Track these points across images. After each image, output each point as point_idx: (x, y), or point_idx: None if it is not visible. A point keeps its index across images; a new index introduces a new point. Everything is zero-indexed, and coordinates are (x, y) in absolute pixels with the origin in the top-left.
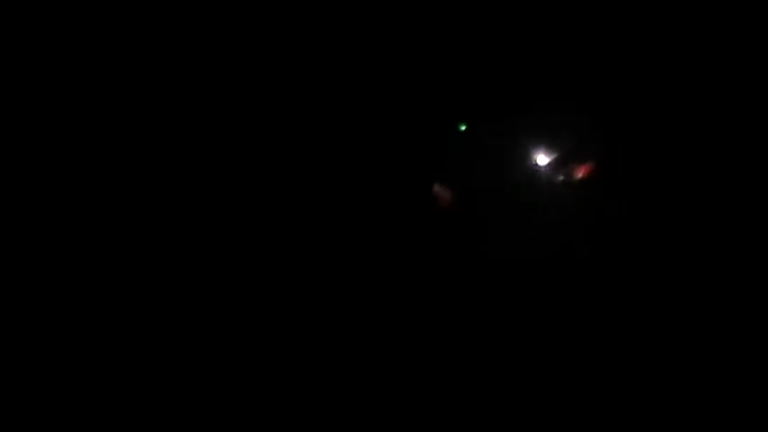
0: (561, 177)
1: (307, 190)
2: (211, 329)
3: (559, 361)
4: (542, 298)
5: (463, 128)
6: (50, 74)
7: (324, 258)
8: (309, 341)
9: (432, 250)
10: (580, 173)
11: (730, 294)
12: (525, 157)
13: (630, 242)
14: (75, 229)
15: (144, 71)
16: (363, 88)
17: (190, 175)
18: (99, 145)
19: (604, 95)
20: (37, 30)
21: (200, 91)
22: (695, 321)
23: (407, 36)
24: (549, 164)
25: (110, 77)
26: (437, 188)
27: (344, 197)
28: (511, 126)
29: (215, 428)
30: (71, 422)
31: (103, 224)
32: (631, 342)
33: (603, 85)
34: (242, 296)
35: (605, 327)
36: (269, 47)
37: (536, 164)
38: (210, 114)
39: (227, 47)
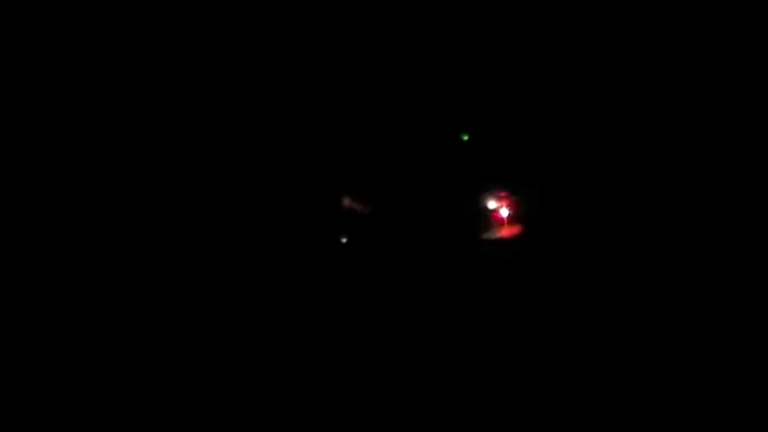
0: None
1: (307, 190)
2: (211, 329)
3: (559, 361)
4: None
5: (466, 138)
6: (50, 74)
7: (324, 258)
8: (309, 341)
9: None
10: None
11: (730, 294)
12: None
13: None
14: (74, 228)
15: (144, 71)
16: (364, 88)
17: (190, 175)
18: (99, 145)
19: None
20: (37, 30)
21: (200, 91)
22: (695, 321)
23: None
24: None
25: (110, 77)
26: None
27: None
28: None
29: (215, 428)
30: (71, 422)
31: (103, 224)
32: (631, 342)
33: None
34: (242, 296)
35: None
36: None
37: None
38: (211, 114)
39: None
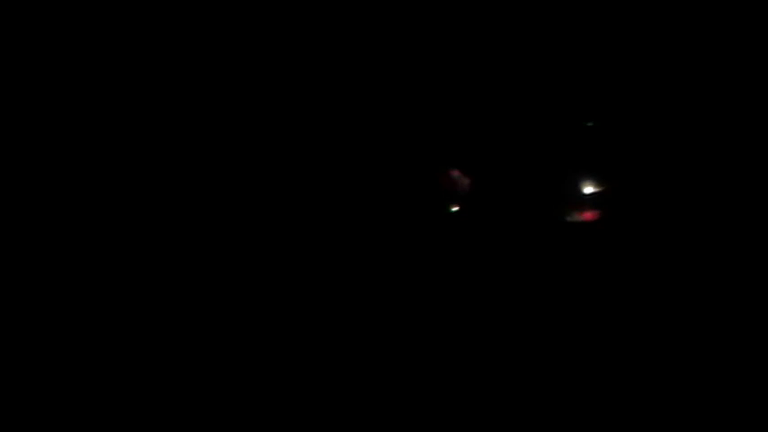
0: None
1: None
2: (211, 329)
3: (559, 360)
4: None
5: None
6: (50, 74)
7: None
8: (309, 341)
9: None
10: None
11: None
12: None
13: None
14: (74, 228)
15: (144, 71)
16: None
17: (190, 175)
18: (99, 145)
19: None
20: (37, 30)
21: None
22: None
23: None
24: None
25: (110, 77)
26: (454, 176)
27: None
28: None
29: (215, 428)
30: (71, 422)
31: (103, 224)
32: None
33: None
34: (242, 295)
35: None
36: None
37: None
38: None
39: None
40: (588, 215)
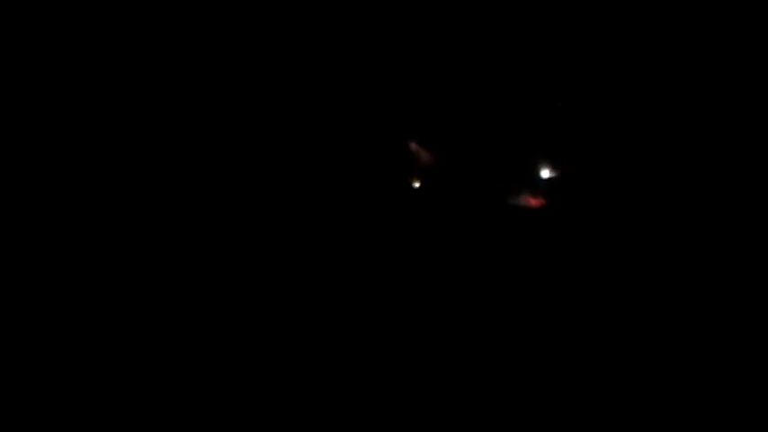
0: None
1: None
2: (211, 329)
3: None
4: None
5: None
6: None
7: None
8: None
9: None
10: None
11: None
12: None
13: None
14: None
15: (144, 71)
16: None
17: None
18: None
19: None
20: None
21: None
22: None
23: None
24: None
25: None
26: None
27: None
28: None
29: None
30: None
31: (103, 224)
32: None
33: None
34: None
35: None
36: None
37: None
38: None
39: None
40: (536, 202)
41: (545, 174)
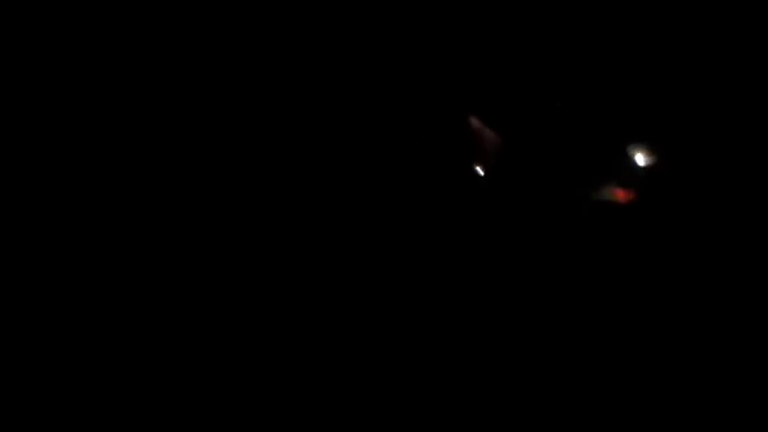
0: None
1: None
2: (211, 329)
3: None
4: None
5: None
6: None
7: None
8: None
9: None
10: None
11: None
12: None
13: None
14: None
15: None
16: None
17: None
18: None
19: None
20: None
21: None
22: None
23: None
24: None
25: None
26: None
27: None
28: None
29: (215, 428)
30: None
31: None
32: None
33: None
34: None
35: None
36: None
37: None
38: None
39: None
40: (622, 195)
41: (640, 161)
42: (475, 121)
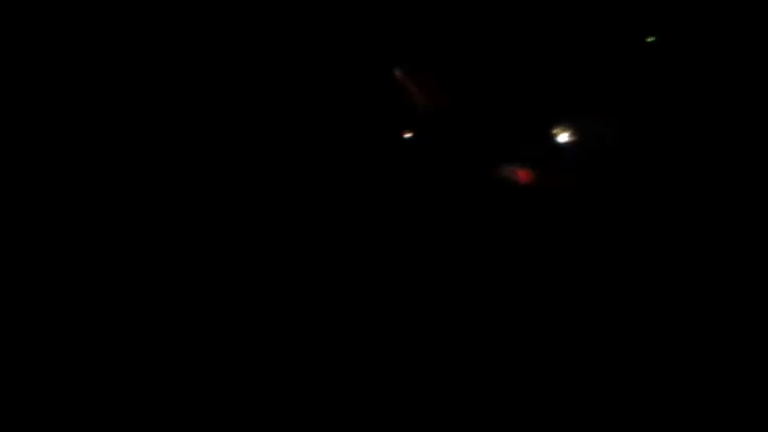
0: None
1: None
2: (211, 329)
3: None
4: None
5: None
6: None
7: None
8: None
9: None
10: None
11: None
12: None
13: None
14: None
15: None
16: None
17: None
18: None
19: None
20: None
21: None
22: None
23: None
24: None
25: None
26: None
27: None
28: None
29: (215, 428)
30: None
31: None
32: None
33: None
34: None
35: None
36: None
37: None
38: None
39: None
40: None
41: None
42: (399, 74)
